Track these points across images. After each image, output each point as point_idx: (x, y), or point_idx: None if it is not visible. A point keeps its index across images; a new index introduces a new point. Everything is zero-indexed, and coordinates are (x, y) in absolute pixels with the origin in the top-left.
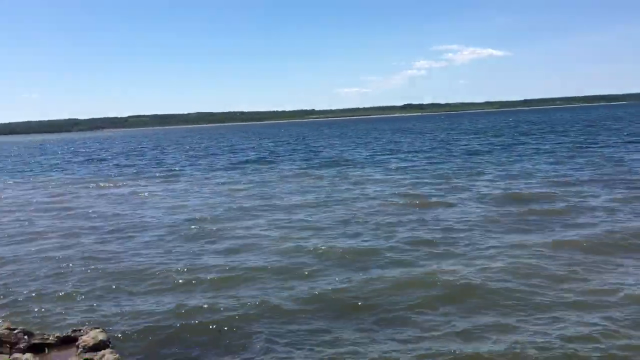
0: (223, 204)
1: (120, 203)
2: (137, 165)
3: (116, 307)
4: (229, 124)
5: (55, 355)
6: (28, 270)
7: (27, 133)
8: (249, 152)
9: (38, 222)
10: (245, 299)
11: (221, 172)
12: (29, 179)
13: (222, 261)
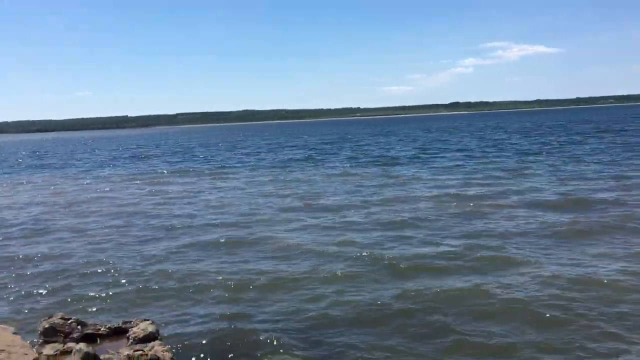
0: (268, 204)
1: (169, 202)
2: (188, 162)
3: (165, 302)
4: (274, 121)
5: (107, 346)
6: (86, 262)
7: (80, 129)
8: (295, 151)
9: (98, 218)
10: (291, 305)
11: (267, 170)
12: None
13: (268, 266)
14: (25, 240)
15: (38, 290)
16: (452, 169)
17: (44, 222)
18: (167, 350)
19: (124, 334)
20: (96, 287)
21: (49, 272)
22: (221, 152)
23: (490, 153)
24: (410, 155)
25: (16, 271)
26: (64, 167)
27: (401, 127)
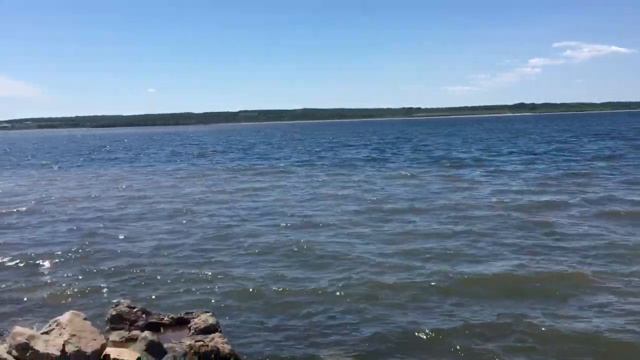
0: (327, 206)
1: (231, 199)
2: (250, 160)
3: (228, 294)
4: (334, 120)
5: (170, 335)
6: (154, 255)
7: (145, 125)
8: (355, 150)
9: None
10: (351, 312)
11: (327, 170)
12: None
13: (330, 272)
14: (95, 231)
15: (107, 279)
16: (518, 173)
17: (116, 214)
18: (227, 343)
19: (186, 324)
20: (161, 279)
21: (118, 262)
22: (281, 150)
23: (559, 157)
24: (473, 157)
25: (88, 259)
26: (132, 161)
27: (463, 127)
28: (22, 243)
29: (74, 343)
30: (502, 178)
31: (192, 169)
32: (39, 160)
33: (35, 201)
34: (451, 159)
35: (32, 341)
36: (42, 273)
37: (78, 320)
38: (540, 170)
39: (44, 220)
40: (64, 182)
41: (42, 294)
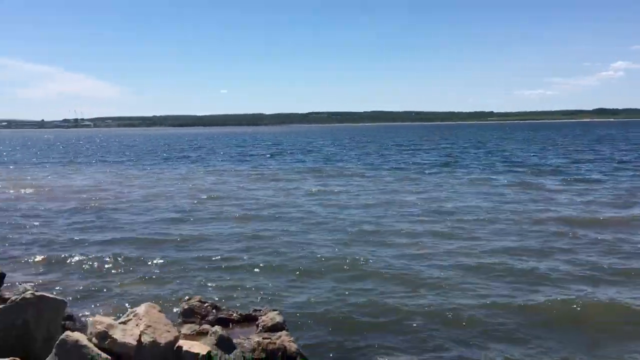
0: (392, 211)
1: (302, 199)
2: (318, 162)
3: (294, 292)
4: (404, 123)
5: (238, 331)
6: (229, 250)
7: (218, 125)
8: (425, 154)
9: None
10: (425, 305)
11: (395, 173)
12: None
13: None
14: (170, 227)
15: (180, 273)
16: (602, 182)
17: (187, 211)
18: (293, 341)
19: (254, 321)
20: (234, 275)
21: (193, 256)
22: (350, 152)
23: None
24: (553, 163)
25: (162, 253)
26: (204, 159)
27: (540, 132)
28: (102, 235)
29: (149, 334)
30: (584, 188)
31: (263, 170)
32: (117, 157)
33: (115, 197)
34: (528, 165)
35: (110, 330)
36: (121, 265)
37: (154, 312)
38: (626, 180)
39: (123, 214)
40: (141, 179)
41: (119, 285)
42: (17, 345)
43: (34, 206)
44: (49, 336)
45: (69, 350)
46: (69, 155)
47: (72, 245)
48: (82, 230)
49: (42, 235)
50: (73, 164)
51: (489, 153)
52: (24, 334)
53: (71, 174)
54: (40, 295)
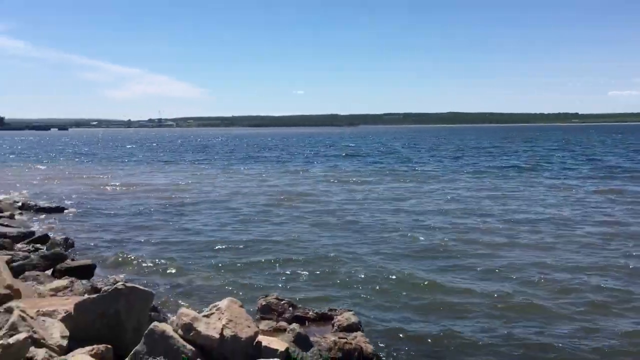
0: (472, 219)
1: (377, 204)
2: (392, 163)
3: (369, 296)
4: (480, 125)
5: (313, 329)
6: (309, 250)
7: (293, 126)
8: (502, 157)
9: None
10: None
11: (473, 177)
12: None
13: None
14: (248, 226)
15: (259, 270)
16: None
17: (264, 211)
18: (369, 342)
19: (329, 320)
20: (309, 274)
21: (269, 255)
22: (425, 154)
23: None
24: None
25: (244, 250)
26: (280, 160)
27: (630, 135)
28: (182, 233)
29: (231, 328)
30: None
31: (337, 172)
32: (197, 156)
33: (195, 195)
34: (624, 169)
35: (195, 323)
36: (199, 261)
37: (235, 307)
38: None
39: (202, 213)
40: (219, 178)
41: (198, 279)
42: (108, 333)
43: (118, 203)
44: (138, 326)
45: (157, 340)
46: (153, 154)
47: (152, 241)
48: (163, 227)
49: (125, 232)
50: (156, 162)
51: (576, 156)
52: (115, 323)
53: (154, 172)
54: (132, 287)
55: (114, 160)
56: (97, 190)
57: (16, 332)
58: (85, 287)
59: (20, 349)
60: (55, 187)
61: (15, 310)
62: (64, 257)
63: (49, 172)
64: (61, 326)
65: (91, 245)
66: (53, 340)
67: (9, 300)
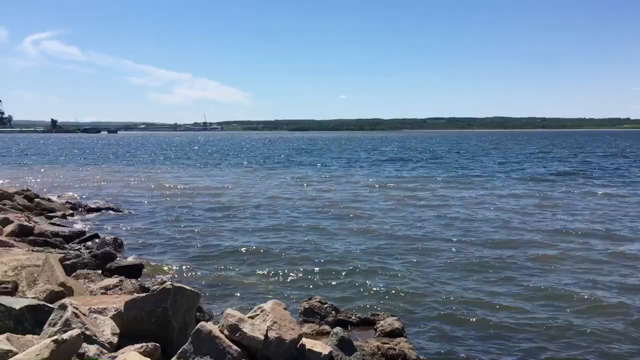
0: (515, 226)
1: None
2: (428, 168)
3: (412, 302)
4: (529, 130)
5: (356, 334)
6: (354, 256)
7: (336, 130)
8: (555, 162)
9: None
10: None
11: (528, 185)
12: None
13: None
14: (291, 229)
15: (302, 273)
16: None
17: (307, 215)
18: (413, 349)
19: (371, 325)
20: (352, 278)
21: (312, 258)
22: (473, 160)
23: None
24: None
25: (284, 254)
26: (321, 164)
27: None
28: (227, 235)
29: (275, 330)
30: None
31: (381, 177)
32: (241, 159)
33: (240, 198)
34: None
35: (241, 324)
36: (246, 262)
37: (279, 309)
38: None
39: (246, 215)
40: (263, 181)
41: (244, 281)
42: (156, 331)
43: (165, 205)
44: (185, 325)
45: (204, 339)
46: (199, 157)
47: (197, 243)
48: (207, 229)
49: (171, 233)
50: (202, 165)
51: (631, 163)
52: (163, 322)
53: (200, 175)
54: (179, 287)
55: (161, 162)
56: (145, 192)
57: (69, 329)
58: (134, 286)
59: (73, 344)
60: (104, 188)
61: (68, 307)
62: (113, 257)
63: (99, 174)
64: (112, 323)
65: (139, 245)
66: (104, 337)
67: (62, 297)
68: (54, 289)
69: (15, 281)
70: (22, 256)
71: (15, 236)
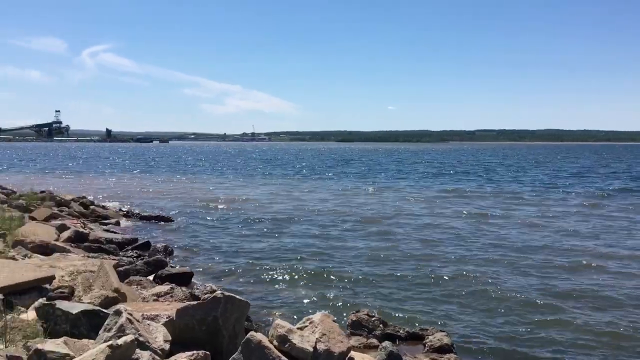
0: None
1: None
2: (481, 181)
3: (463, 316)
4: (584, 143)
5: (404, 348)
6: (411, 268)
7: (383, 141)
8: (621, 178)
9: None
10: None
11: (582, 199)
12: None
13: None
14: (339, 240)
15: (350, 285)
16: None
17: (358, 226)
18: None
19: (420, 340)
20: (401, 291)
21: (361, 270)
22: (524, 174)
23: None
24: None
25: (333, 265)
26: (367, 175)
27: None
28: (275, 243)
29: (324, 342)
30: None
31: (424, 190)
32: (287, 170)
33: (291, 208)
34: None
35: (290, 335)
36: (293, 273)
37: (328, 321)
38: None
39: (295, 226)
40: (311, 193)
41: (291, 291)
42: (207, 339)
43: (213, 214)
44: (234, 334)
45: (253, 349)
46: (248, 166)
47: (244, 252)
48: (255, 238)
49: (219, 241)
50: (251, 175)
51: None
52: (213, 330)
53: (248, 184)
54: (229, 296)
55: (210, 172)
56: (194, 201)
57: (124, 334)
58: (185, 294)
59: (127, 350)
60: (156, 196)
61: (123, 313)
62: (164, 264)
63: (150, 182)
64: (164, 330)
65: (188, 253)
66: (157, 343)
67: (116, 302)
68: (108, 295)
69: (71, 286)
70: (78, 262)
71: (72, 242)
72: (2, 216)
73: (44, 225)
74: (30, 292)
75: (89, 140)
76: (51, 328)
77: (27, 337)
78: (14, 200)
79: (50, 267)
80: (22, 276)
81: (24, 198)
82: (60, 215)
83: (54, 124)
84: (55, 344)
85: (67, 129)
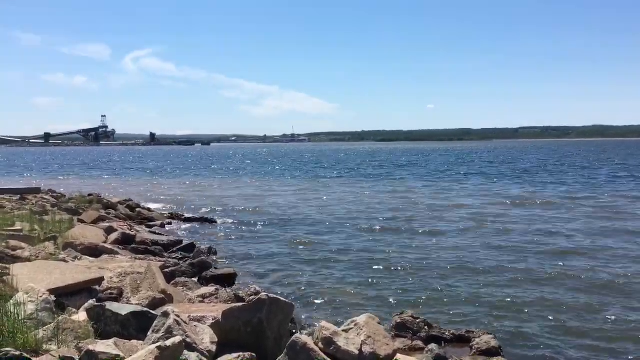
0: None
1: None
2: (531, 184)
3: (508, 318)
4: (630, 139)
5: (450, 351)
6: (451, 267)
7: (423, 140)
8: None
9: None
10: None
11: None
12: None
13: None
14: (380, 242)
15: (393, 286)
16: None
17: (395, 228)
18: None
19: (466, 342)
20: (445, 293)
21: (404, 272)
22: (570, 172)
23: None
24: None
25: (374, 267)
26: (404, 177)
27: None
28: (319, 246)
29: (369, 344)
30: None
31: (462, 191)
32: (326, 172)
33: (327, 208)
34: None
35: (335, 337)
36: (335, 274)
37: (373, 323)
38: None
39: (335, 227)
40: (349, 193)
41: (334, 293)
42: (252, 341)
43: (255, 216)
44: (279, 337)
45: (299, 352)
46: (287, 167)
47: (286, 254)
48: (296, 240)
49: (261, 243)
50: (292, 176)
51: None
52: (258, 332)
53: (289, 185)
54: (274, 298)
55: (252, 173)
56: (236, 203)
57: (172, 336)
58: (229, 295)
59: (175, 351)
60: (200, 198)
61: (171, 315)
62: (209, 265)
63: (194, 184)
64: (210, 332)
65: (231, 254)
66: (204, 345)
67: (163, 304)
68: (155, 296)
69: (120, 287)
70: (126, 263)
71: (119, 244)
72: (52, 219)
73: (93, 228)
74: (81, 294)
75: (134, 143)
76: (102, 329)
77: (78, 338)
78: (64, 204)
79: (99, 268)
80: (73, 278)
81: (73, 201)
82: (108, 218)
83: (101, 128)
84: (106, 345)
85: (113, 133)
